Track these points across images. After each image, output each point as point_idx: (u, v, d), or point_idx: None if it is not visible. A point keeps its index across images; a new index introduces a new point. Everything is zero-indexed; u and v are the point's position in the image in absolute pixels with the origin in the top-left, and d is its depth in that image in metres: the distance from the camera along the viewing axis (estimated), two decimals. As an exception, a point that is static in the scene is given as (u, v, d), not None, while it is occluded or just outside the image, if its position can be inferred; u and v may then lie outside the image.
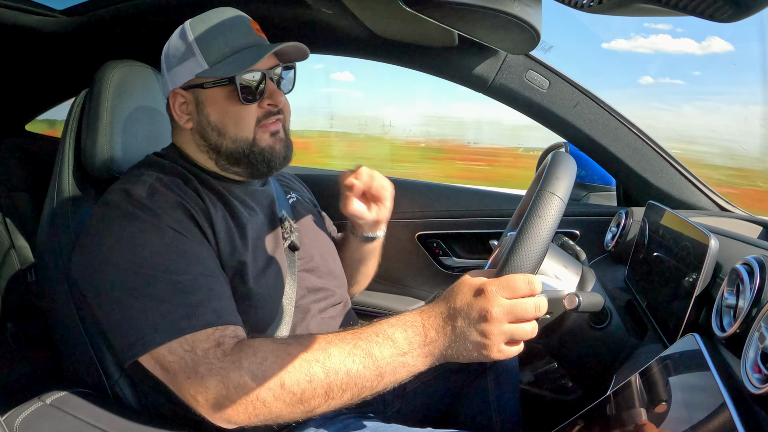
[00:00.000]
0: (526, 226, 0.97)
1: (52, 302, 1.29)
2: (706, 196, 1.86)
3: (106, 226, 1.10)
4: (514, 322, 0.95)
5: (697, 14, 0.57)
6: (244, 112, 1.22)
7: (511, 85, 1.84)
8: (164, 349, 1.00)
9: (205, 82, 1.21)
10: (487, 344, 0.94)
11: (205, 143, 1.26)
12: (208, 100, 1.22)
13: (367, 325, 1.02)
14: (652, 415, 0.87)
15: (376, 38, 1.76)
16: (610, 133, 1.85)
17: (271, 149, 1.26)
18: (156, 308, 1.01)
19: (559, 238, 1.65)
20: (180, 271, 1.05)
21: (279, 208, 1.38)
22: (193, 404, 1.00)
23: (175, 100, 1.25)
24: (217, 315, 1.04)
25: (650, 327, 1.27)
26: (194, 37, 1.21)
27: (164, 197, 1.13)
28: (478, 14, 0.92)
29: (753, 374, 0.76)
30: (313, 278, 1.39)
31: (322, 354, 0.98)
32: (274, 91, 1.24)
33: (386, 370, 0.97)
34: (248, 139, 1.23)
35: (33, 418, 1.11)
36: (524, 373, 1.90)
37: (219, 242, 1.16)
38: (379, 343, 0.98)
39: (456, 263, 2.28)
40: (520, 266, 0.96)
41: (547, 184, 1.00)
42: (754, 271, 0.91)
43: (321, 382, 0.96)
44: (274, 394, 0.96)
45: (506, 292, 0.94)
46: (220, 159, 1.26)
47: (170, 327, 1.00)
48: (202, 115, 1.24)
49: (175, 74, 1.24)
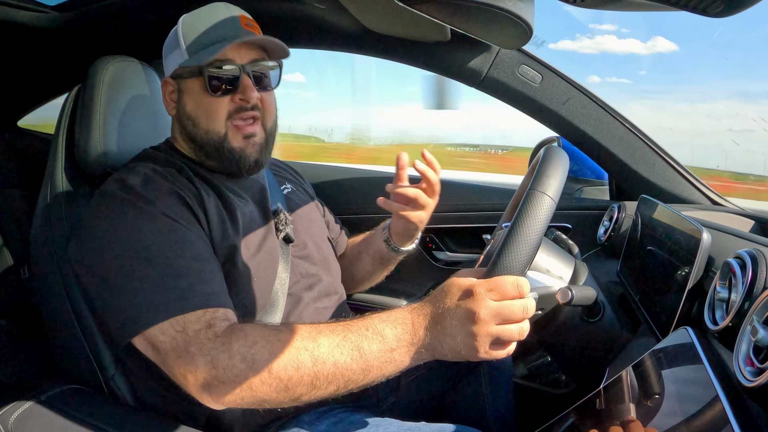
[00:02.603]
0: (515, 226, 0.96)
1: (46, 299, 1.29)
2: (698, 190, 1.87)
3: (102, 213, 1.12)
4: (502, 323, 0.95)
5: (689, 9, 0.57)
6: (215, 105, 1.24)
7: (504, 79, 1.84)
8: (156, 329, 1.01)
9: (183, 71, 1.25)
10: (475, 345, 0.95)
11: (184, 132, 1.30)
12: (187, 89, 1.27)
13: (357, 318, 1.03)
14: (645, 408, 0.87)
15: (369, 33, 1.76)
16: (603, 127, 1.86)
17: (242, 151, 1.28)
18: (149, 290, 1.03)
19: (552, 232, 1.66)
20: (172, 256, 1.07)
21: (273, 200, 1.40)
22: (182, 383, 1.01)
23: (166, 88, 1.30)
24: (208, 297, 1.05)
25: (643, 320, 1.27)
26: (182, 28, 1.25)
27: (158, 185, 1.15)
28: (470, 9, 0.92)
29: (745, 367, 0.77)
30: (306, 264, 1.40)
31: (311, 343, 0.98)
32: (247, 86, 1.25)
33: (373, 365, 0.98)
34: (220, 133, 1.26)
35: (27, 415, 1.11)
36: (518, 367, 1.91)
37: (211, 227, 1.18)
38: (368, 337, 0.98)
39: (449, 257, 2.28)
40: (509, 267, 0.95)
41: (537, 182, 0.99)
42: (746, 264, 0.91)
43: (308, 370, 0.97)
44: (261, 379, 0.97)
45: (494, 294, 0.94)
46: (197, 149, 1.29)
47: (162, 308, 1.02)
48: (180, 103, 1.29)
49: (167, 64, 1.30)
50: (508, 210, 1.60)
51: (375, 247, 1.62)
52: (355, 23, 1.68)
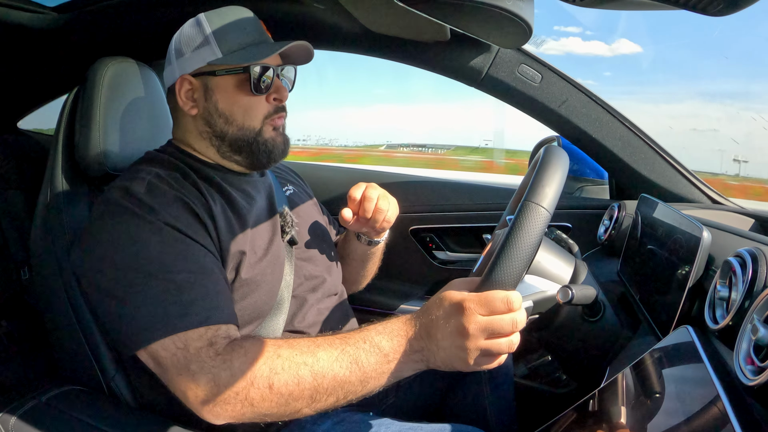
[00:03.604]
0: (508, 239, 0.95)
1: (47, 300, 1.29)
2: (698, 189, 1.87)
3: (105, 224, 1.11)
4: (491, 338, 0.96)
5: (689, 8, 0.57)
6: (254, 103, 1.27)
7: (504, 79, 1.84)
8: (157, 345, 1.02)
9: (217, 69, 1.24)
10: (464, 358, 0.97)
11: (209, 130, 1.29)
12: (218, 87, 1.26)
13: (354, 330, 1.05)
14: (645, 408, 0.87)
15: (368, 33, 1.76)
16: (603, 126, 1.86)
17: (273, 141, 1.30)
18: (151, 305, 1.03)
19: (552, 231, 1.66)
20: (175, 270, 1.06)
21: (278, 202, 1.40)
22: (183, 399, 1.02)
23: (182, 86, 1.28)
24: (211, 314, 1.05)
25: (643, 319, 1.27)
26: (210, 27, 1.25)
27: (162, 193, 1.14)
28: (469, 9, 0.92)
29: (746, 366, 0.77)
30: (310, 266, 1.40)
31: (310, 357, 1.00)
32: (280, 86, 1.29)
33: (371, 376, 1.00)
34: (255, 129, 1.28)
35: (28, 416, 1.11)
36: (518, 367, 1.91)
37: (219, 234, 1.17)
38: (365, 350, 1.00)
39: (449, 257, 2.29)
40: (500, 281, 0.95)
41: (532, 193, 0.97)
42: (746, 263, 0.91)
43: (308, 384, 0.99)
44: (261, 395, 0.99)
45: (483, 310, 0.95)
46: (223, 146, 1.30)
47: (164, 325, 1.02)
48: (210, 101, 1.27)
49: (185, 61, 1.27)
50: (512, 203, 1.59)
51: (352, 249, 1.62)
52: (355, 23, 1.68)
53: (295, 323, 1.32)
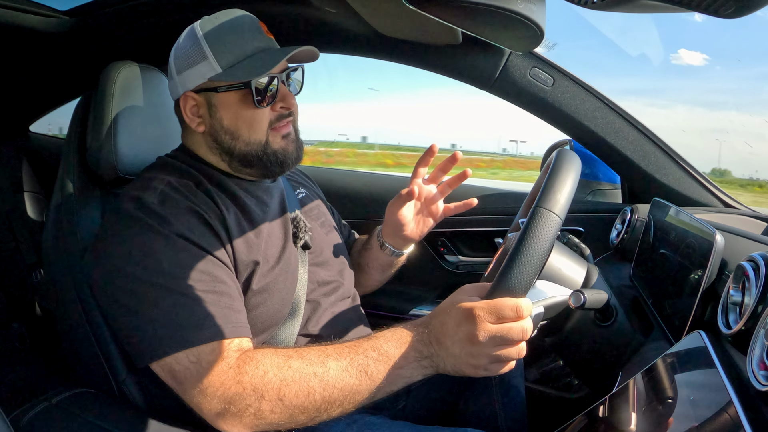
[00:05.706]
0: (519, 246, 0.94)
1: (58, 302, 1.29)
2: (710, 192, 1.86)
3: (118, 235, 1.12)
4: (500, 345, 0.97)
5: (701, 10, 0.56)
6: (258, 116, 1.24)
7: (516, 82, 1.83)
8: (171, 358, 1.03)
9: (218, 86, 1.22)
10: (474, 364, 0.98)
11: (218, 146, 1.27)
12: (222, 103, 1.24)
13: (363, 338, 1.06)
14: (657, 413, 0.87)
15: (380, 37, 1.76)
16: (615, 130, 1.85)
17: (284, 151, 1.28)
18: (164, 319, 1.04)
19: (564, 235, 1.65)
20: (188, 282, 1.07)
21: (290, 206, 1.39)
22: (196, 410, 1.04)
23: (186, 103, 1.26)
24: (223, 328, 1.06)
25: (656, 324, 1.26)
26: (206, 40, 1.20)
27: (176, 203, 1.14)
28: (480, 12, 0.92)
29: (759, 371, 0.76)
30: (323, 272, 1.40)
31: (320, 368, 1.01)
32: (286, 94, 1.26)
33: (382, 384, 1.01)
34: (261, 141, 1.25)
35: (39, 418, 1.11)
36: (530, 371, 1.90)
37: (234, 243, 1.17)
38: (374, 358, 1.01)
39: (461, 261, 2.28)
40: (510, 288, 0.95)
41: (543, 198, 0.97)
42: (759, 267, 0.90)
43: (318, 396, 1.00)
44: (272, 407, 1.00)
45: (492, 317, 0.95)
46: (233, 161, 1.28)
47: (177, 339, 1.03)
48: (215, 118, 1.25)
49: (185, 77, 1.24)
50: (524, 207, 1.58)
51: (373, 257, 1.61)
52: (367, 27, 1.68)
53: (309, 327, 1.32)
